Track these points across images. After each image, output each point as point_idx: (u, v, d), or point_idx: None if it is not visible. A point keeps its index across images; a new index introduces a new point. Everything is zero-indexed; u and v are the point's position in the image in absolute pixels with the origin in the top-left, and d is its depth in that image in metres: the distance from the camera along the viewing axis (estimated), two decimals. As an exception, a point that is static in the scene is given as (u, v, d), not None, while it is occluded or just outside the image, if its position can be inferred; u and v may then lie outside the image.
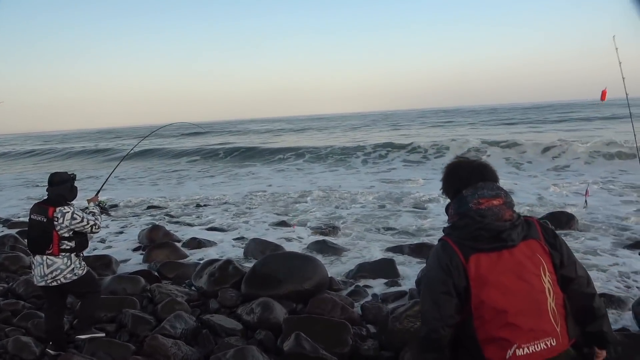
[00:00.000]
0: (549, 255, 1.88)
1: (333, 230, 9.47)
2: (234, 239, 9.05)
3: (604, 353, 2.01)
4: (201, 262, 6.77)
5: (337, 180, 18.13)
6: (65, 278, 3.93)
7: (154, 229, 8.90)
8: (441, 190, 2.12)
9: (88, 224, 3.98)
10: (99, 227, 4.10)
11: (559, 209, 9.80)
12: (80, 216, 3.94)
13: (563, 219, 8.73)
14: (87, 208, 4.24)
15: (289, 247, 8.13)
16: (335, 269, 6.85)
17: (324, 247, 7.93)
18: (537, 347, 1.79)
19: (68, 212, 3.90)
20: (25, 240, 4.15)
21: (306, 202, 13.25)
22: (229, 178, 21.04)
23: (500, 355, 1.80)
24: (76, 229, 3.94)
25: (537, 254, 1.86)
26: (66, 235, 3.91)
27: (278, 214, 11.65)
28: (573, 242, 7.59)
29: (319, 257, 7.24)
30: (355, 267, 6.54)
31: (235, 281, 5.78)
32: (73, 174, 4.18)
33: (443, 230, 2.01)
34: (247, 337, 4.50)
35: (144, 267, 7.26)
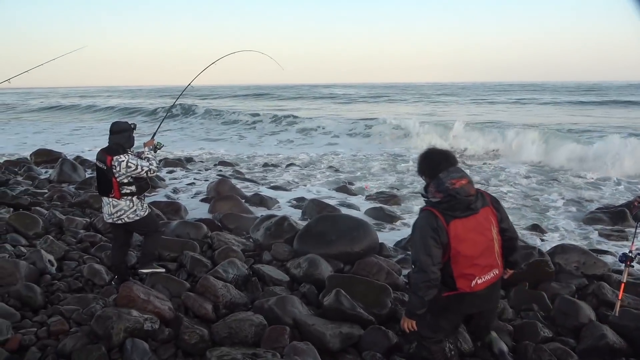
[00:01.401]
0: (495, 215, 2.82)
1: (393, 198, 9.45)
2: (294, 199, 9.32)
3: (512, 272, 3.12)
4: (260, 216, 7.09)
5: (405, 149, 17.85)
6: (128, 218, 4.31)
7: (221, 182, 9.37)
8: (417, 171, 2.93)
9: (143, 169, 4.24)
10: (154, 172, 4.36)
11: None
12: (134, 164, 4.21)
13: None
14: (143, 153, 4.49)
15: (345, 210, 8.25)
16: (388, 236, 6.89)
17: (380, 214, 7.99)
18: (489, 276, 2.76)
19: (123, 160, 4.17)
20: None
21: (372, 169, 13.26)
22: (300, 140, 21.42)
23: (467, 284, 2.72)
24: (133, 175, 4.25)
25: (490, 215, 2.78)
26: (125, 181, 4.22)
27: (342, 179, 11.77)
28: None
29: (375, 223, 7.33)
30: (408, 236, 6.53)
31: (289, 237, 6.02)
32: (133, 123, 4.46)
33: (426, 203, 2.81)
34: (292, 288, 4.72)
35: (209, 216, 7.76)
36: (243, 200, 8.58)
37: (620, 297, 3.43)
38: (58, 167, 10.05)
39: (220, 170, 12.65)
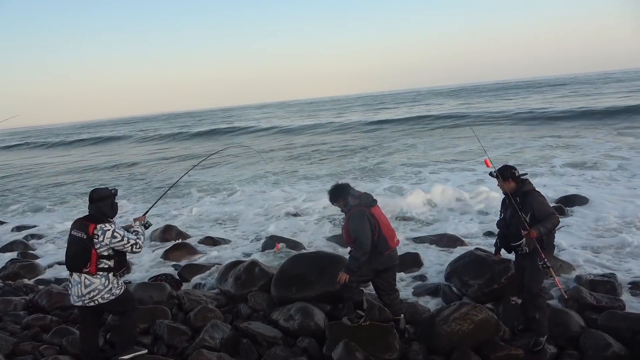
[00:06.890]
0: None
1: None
2: (247, 234, 8.93)
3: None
4: (223, 264, 6.66)
5: (337, 171, 18.03)
6: (102, 298, 3.77)
7: (167, 228, 8.76)
8: (330, 200, 4.49)
9: (129, 242, 3.80)
10: (140, 247, 3.90)
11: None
12: (120, 235, 3.76)
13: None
14: (131, 227, 4.05)
15: (305, 239, 8.04)
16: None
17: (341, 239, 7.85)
18: (395, 241, 4.35)
19: (109, 229, 3.72)
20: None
21: (312, 192, 13.14)
22: (230, 172, 20.81)
23: (390, 246, 4.24)
24: (116, 248, 3.78)
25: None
26: (105, 253, 3.74)
27: (285, 204, 11.46)
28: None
29: (339, 249, 7.19)
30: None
31: (263, 283, 5.69)
32: (114, 189, 3.99)
33: (354, 206, 4.24)
34: (289, 344, 4.42)
35: (163, 268, 7.15)
36: (193, 243, 8.07)
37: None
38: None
39: (153, 215, 11.79)
